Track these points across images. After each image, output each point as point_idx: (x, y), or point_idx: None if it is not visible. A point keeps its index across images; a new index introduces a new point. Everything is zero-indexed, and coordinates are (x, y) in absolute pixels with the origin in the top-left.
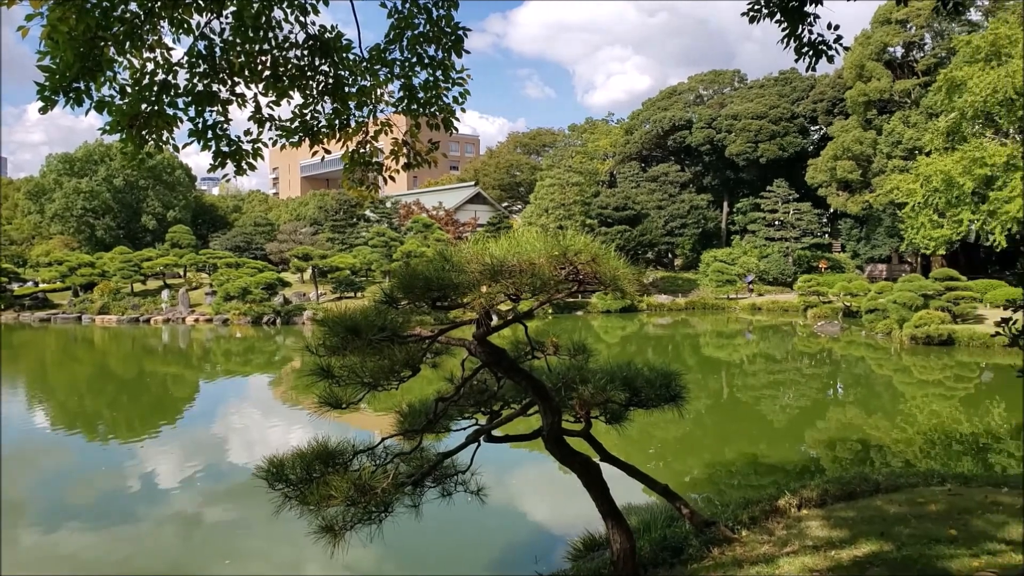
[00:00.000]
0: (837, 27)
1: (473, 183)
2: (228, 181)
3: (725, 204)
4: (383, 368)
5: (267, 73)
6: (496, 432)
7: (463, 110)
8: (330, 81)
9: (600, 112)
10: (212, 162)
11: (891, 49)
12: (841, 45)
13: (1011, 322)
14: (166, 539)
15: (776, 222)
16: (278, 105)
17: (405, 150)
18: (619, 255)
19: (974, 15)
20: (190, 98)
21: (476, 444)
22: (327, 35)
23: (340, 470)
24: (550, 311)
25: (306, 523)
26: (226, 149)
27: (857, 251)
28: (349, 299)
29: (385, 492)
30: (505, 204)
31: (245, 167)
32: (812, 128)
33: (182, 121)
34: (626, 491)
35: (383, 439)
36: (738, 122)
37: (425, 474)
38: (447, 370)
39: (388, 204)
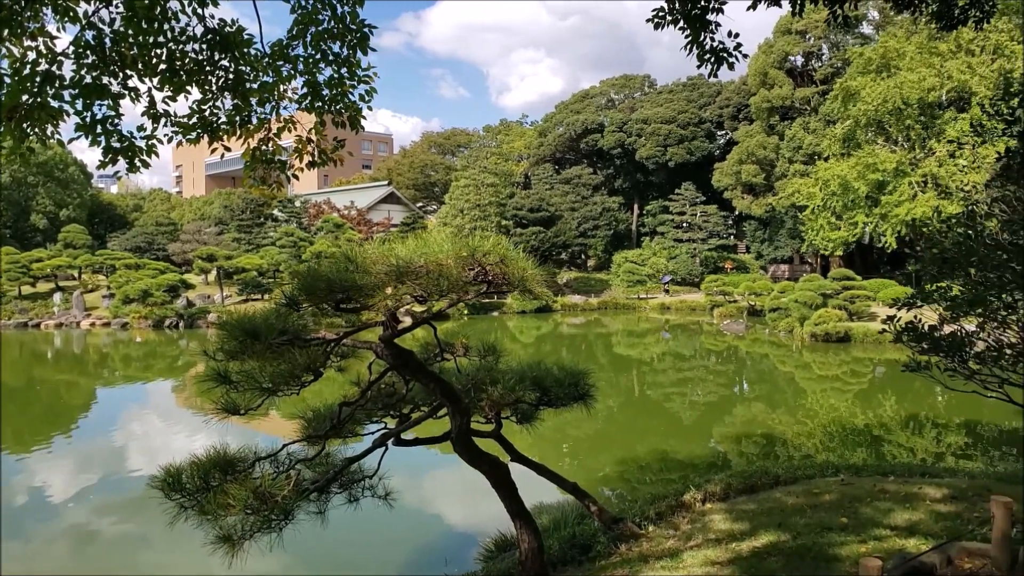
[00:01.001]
0: (737, 35)
1: (386, 182)
2: (120, 178)
3: (636, 206)
4: (283, 373)
5: (163, 67)
6: (406, 435)
7: (370, 108)
8: (230, 76)
9: (515, 113)
10: (102, 158)
11: (792, 58)
12: (741, 52)
13: (896, 319)
14: (58, 556)
15: (684, 224)
16: (174, 100)
17: (310, 148)
18: (529, 256)
19: (866, 29)
20: (77, 90)
21: (384, 448)
22: (227, 29)
23: (241, 478)
24: (466, 312)
25: (207, 533)
26: (117, 145)
27: (761, 252)
28: (256, 301)
29: (286, 499)
30: (420, 204)
31: (138, 164)
32: (718, 133)
33: (69, 115)
34: (540, 490)
35: (284, 445)
36: (648, 126)
37: (330, 480)
38: (356, 374)
39: (297, 203)
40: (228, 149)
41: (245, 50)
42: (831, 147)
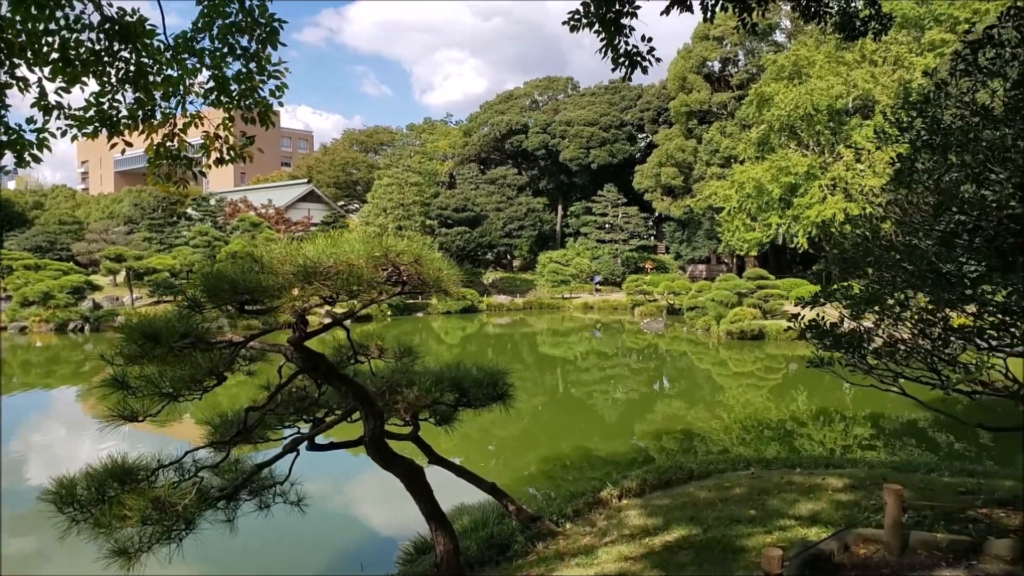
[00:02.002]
0: (650, 39)
1: (306, 180)
2: (7, 173)
3: (560, 207)
4: (185, 377)
5: (55, 56)
6: (322, 440)
7: (281, 104)
8: (131, 69)
9: (439, 112)
10: None
11: (710, 63)
12: (654, 56)
13: (800, 317)
14: None
15: (606, 225)
16: (68, 92)
17: (218, 144)
18: (448, 256)
19: (779, 37)
20: None
21: (295, 453)
22: (127, 18)
23: (141, 487)
24: (389, 313)
25: (101, 548)
26: (4, 138)
27: (680, 252)
28: (169, 303)
29: (188, 508)
30: (341, 203)
31: (28, 159)
32: (639, 136)
33: None
34: (462, 491)
35: (187, 451)
36: (571, 128)
37: (238, 487)
38: (267, 378)
39: (212, 201)
40: (129, 144)
41: (147, 41)
42: (746, 151)
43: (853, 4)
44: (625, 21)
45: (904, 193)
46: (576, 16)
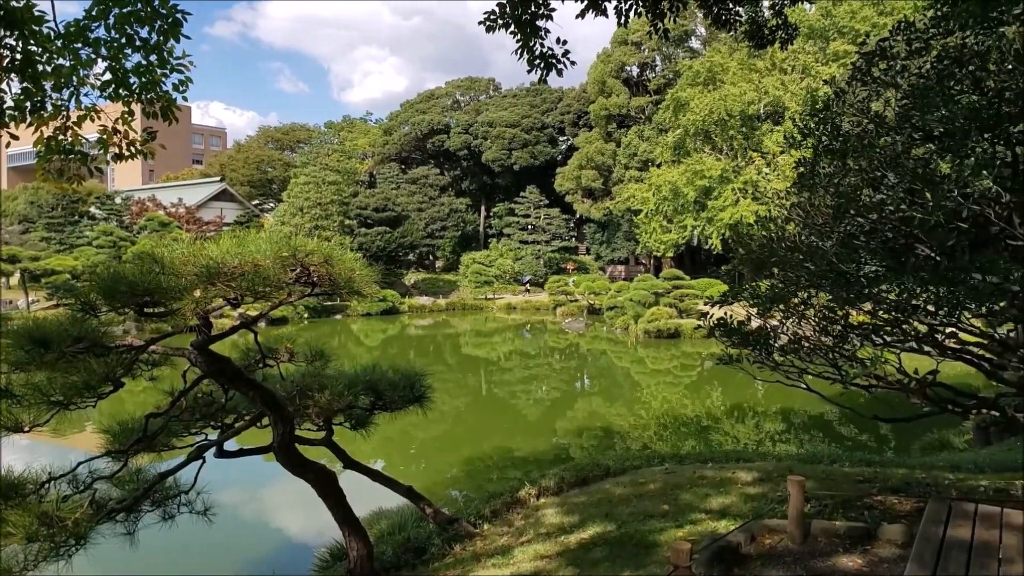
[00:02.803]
0: (565, 42)
1: (219, 178)
2: None
3: (483, 208)
4: (77, 384)
5: None
6: (231, 446)
7: (185, 99)
8: (18, 56)
9: (358, 110)
10: None
11: (628, 68)
12: (569, 59)
13: (709, 316)
14: None
15: (529, 226)
16: None
17: (116, 139)
18: (365, 257)
19: (695, 43)
20: None
21: (201, 460)
22: (13, 3)
23: (30, 501)
24: (306, 315)
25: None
26: None
27: (600, 253)
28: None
29: (79, 522)
30: (256, 202)
31: None
32: (561, 138)
33: None
34: (381, 495)
35: (80, 463)
36: (493, 129)
37: (140, 497)
38: (175, 383)
39: (118, 200)
40: (15, 137)
41: (35, 28)
42: (663, 154)
43: (761, 14)
44: (541, 23)
45: (807, 196)
46: (492, 16)
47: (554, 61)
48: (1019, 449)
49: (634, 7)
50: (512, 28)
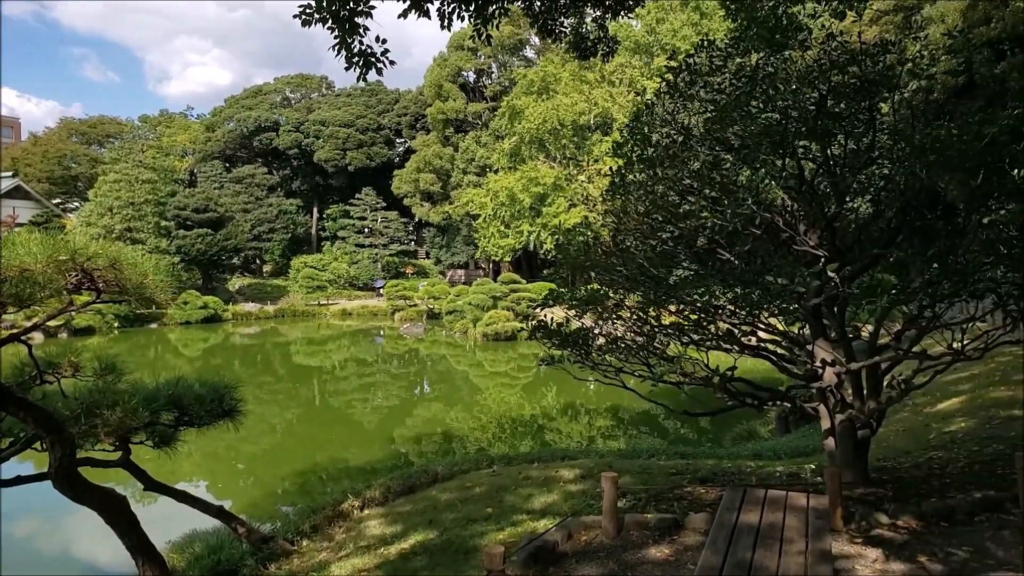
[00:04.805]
0: (384, 41)
1: (11, 174)
2: None
3: (316, 210)
4: None
5: None
6: (7, 473)
7: None
8: None
9: (178, 104)
10: None
11: (465, 73)
12: (388, 59)
13: (530, 319)
14: None
15: (366, 229)
16: None
17: None
18: (183, 261)
19: (529, 52)
20: None
21: None
22: None
23: None
24: (116, 324)
25: None
26: None
27: (440, 258)
28: None
29: None
30: (57, 200)
31: None
32: (398, 140)
33: None
34: (199, 517)
35: None
36: (326, 128)
37: None
38: None
39: None
40: None
41: None
42: (500, 160)
43: (585, 26)
44: (360, 20)
45: (620, 203)
46: (308, 10)
47: (374, 60)
48: (811, 436)
49: (457, 11)
50: (330, 23)
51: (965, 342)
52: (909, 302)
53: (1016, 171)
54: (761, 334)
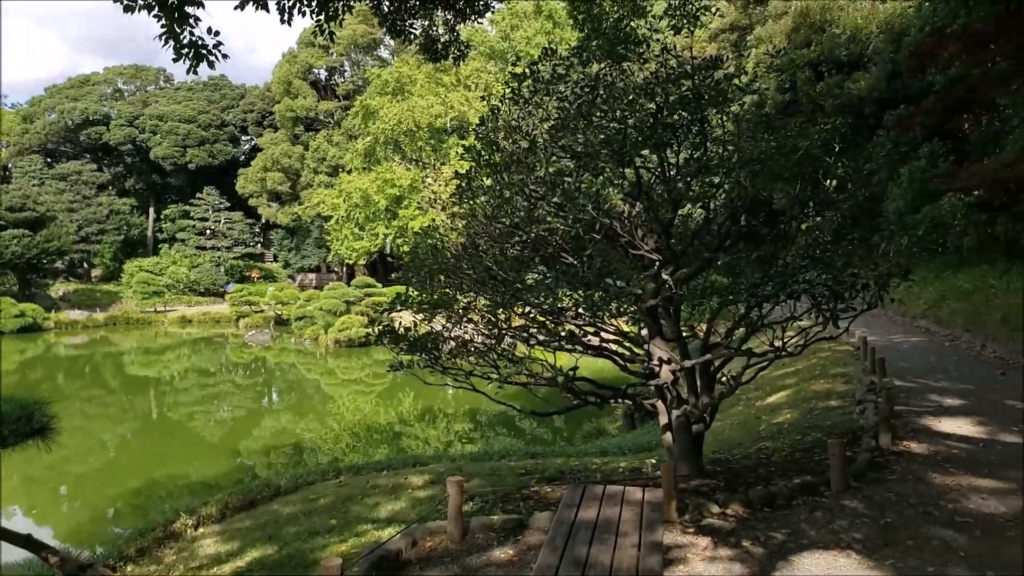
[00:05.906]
0: (217, 33)
1: None
2: None
3: (152, 210)
4: None
5: None
6: None
7: None
8: None
9: None
10: None
11: (316, 71)
12: (221, 52)
13: (376, 323)
14: None
15: (207, 231)
16: None
17: None
18: None
19: (384, 52)
20: None
21: None
22: None
23: None
24: None
25: None
26: None
27: (289, 261)
28: None
29: None
30: None
31: None
32: (243, 138)
33: None
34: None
35: None
36: (164, 124)
37: None
38: None
39: None
40: None
41: None
42: (353, 161)
43: (436, 29)
44: (191, 10)
45: (468, 206)
46: None
47: (205, 52)
48: (654, 432)
49: (298, 5)
50: (156, 11)
51: (785, 340)
52: (736, 303)
53: (828, 182)
54: (604, 335)
